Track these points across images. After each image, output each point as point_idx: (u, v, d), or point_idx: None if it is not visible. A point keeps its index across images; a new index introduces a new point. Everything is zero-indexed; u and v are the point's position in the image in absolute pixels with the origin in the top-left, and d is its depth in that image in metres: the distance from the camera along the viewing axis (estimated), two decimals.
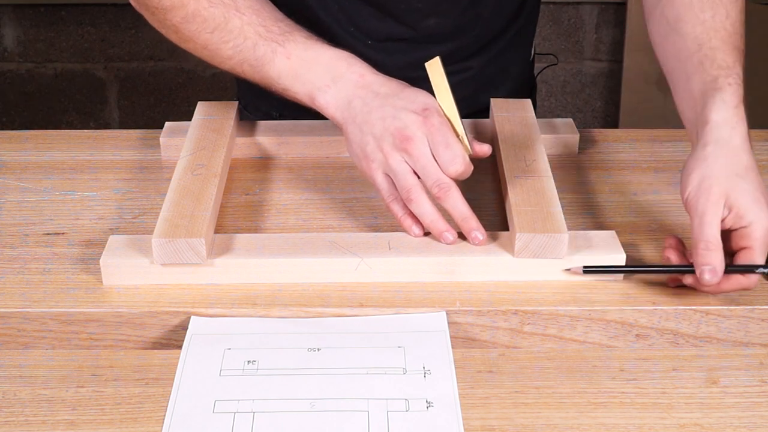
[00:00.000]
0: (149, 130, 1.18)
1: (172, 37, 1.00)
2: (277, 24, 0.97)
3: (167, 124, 1.13)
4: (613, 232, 0.92)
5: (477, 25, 1.16)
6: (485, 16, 1.16)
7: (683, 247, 0.88)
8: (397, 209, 0.92)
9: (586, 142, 1.14)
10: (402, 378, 0.77)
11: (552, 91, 2.71)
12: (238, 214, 1.01)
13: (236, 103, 1.15)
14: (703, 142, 0.86)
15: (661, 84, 2.48)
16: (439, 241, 0.89)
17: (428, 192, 0.89)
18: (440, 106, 0.91)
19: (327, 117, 0.95)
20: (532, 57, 1.32)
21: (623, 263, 0.88)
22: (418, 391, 0.76)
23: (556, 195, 0.93)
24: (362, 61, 0.95)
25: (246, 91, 1.29)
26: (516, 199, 0.92)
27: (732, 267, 0.83)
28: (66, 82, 2.64)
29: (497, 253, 0.89)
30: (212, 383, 0.77)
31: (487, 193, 1.04)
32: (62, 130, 1.20)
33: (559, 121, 1.15)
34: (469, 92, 1.20)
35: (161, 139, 1.10)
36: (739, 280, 0.83)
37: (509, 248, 0.89)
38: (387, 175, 0.91)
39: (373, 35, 1.14)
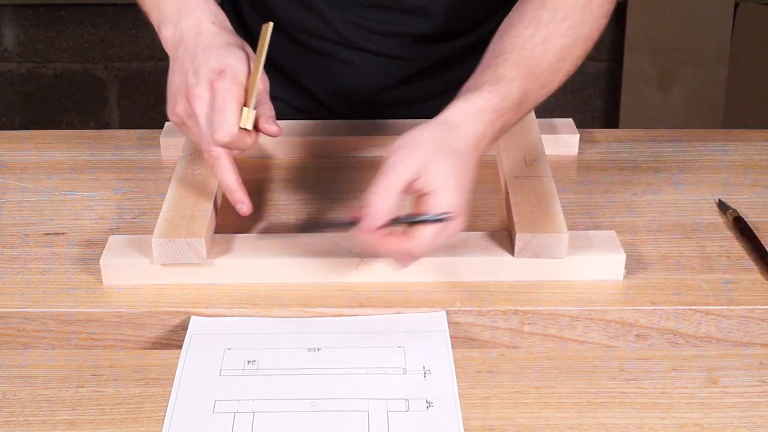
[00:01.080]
0: (149, 130, 1.18)
1: None
2: None
3: (167, 124, 1.13)
4: (613, 232, 0.92)
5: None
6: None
7: None
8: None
9: (586, 142, 1.14)
10: (402, 378, 0.77)
11: None
12: (238, 214, 1.00)
13: None
14: (433, 119, 0.85)
15: (661, 84, 2.48)
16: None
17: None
18: (247, 74, 0.88)
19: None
20: None
21: (623, 263, 0.88)
22: (418, 391, 0.76)
23: (556, 195, 0.93)
24: (213, 8, 0.94)
25: None
26: (516, 199, 0.92)
27: (396, 219, 0.80)
28: (66, 82, 2.64)
29: (497, 253, 0.89)
30: (212, 383, 0.77)
31: (487, 192, 1.04)
32: (62, 130, 1.21)
33: (559, 121, 1.15)
34: (436, 85, 1.19)
35: (161, 139, 1.10)
36: (399, 240, 0.80)
37: (509, 248, 0.89)
38: (183, 123, 0.90)
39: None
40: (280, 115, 1.18)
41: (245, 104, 0.86)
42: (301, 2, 1.13)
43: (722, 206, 1.01)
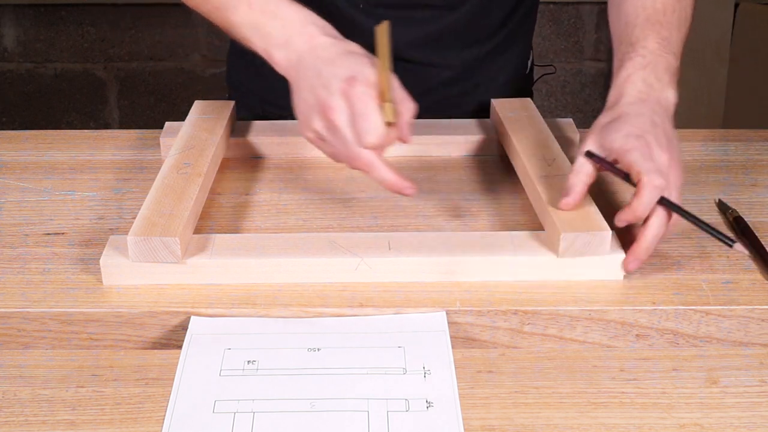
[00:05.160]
0: (149, 130, 1.18)
1: None
2: None
3: (167, 124, 1.13)
4: (612, 232, 0.91)
5: (467, 10, 1.16)
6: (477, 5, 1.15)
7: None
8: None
9: None
10: (402, 378, 0.77)
11: (552, 91, 2.71)
12: (238, 214, 1.01)
13: (232, 102, 1.15)
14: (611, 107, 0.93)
15: None
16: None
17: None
18: (376, 74, 0.89)
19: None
20: (528, 69, 1.31)
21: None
22: (418, 391, 0.76)
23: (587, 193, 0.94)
24: (318, 21, 0.95)
25: (234, 82, 1.29)
26: (549, 198, 0.92)
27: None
28: (66, 82, 2.64)
29: (497, 253, 0.89)
30: (212, 383, 0.77)
31: (488, 193, 1.04)
32: (62, 130, 1.21)
33: (559, 121, 1.15)
34: (453, 93, 1.20)
35: (161, 139, 1.10)
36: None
37: (508, 248, 0.89)
38: (321, 138, 0.92)
39: None
40: (282, 115, 1.19)
41: (383, 101, 0.87)
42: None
43: (722, 206, 1.01)
